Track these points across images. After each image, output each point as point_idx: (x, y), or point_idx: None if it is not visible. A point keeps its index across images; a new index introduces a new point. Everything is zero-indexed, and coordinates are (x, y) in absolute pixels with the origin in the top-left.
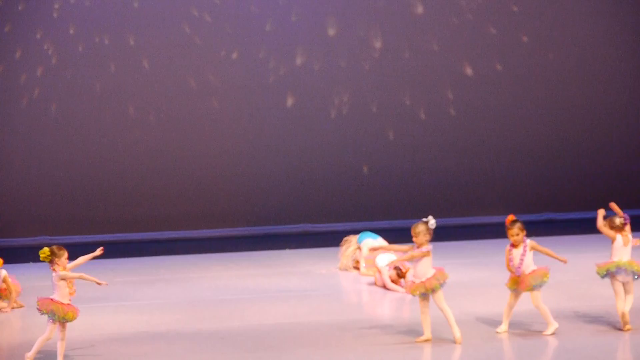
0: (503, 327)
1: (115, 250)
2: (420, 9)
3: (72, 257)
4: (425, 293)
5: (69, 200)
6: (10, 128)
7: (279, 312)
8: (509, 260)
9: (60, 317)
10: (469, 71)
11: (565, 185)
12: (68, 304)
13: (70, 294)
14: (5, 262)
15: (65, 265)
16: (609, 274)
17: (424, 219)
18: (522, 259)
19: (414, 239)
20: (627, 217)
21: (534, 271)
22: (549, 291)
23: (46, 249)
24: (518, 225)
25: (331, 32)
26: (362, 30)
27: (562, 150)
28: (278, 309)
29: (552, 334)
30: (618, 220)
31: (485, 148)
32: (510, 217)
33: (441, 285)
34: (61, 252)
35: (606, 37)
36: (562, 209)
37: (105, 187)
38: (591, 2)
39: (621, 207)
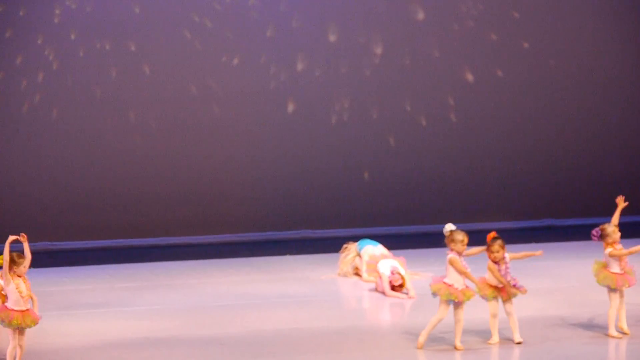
0: (495, 339)
1: (115, 256)
2: (421, 15)
3: (73, 263)
4: (452, 300)
5: (69, 206)
6: (11, 133)
7: (279, 318)
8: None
9: (7, 324)
10: (470, 77)
11: (566, 191)
12: (22, 310)
13: (24, 297)
14: None
15: (21, 273)
16: None
17: (452, 227)
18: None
19: (463, 245)
20: None
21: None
22: (549, 298)
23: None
24: (499, 242)
25: (332, 38)
26: (362, 36)
27: (563, 156)
28: (278, 314)
29: (494, 344)
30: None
31: (486, 154)
32: (492, 234)
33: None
34: (20, 260)
35: (607, 43)
36: (562, 215)
37: (106, 193)
38: (592, 8)
39: (622, 214)
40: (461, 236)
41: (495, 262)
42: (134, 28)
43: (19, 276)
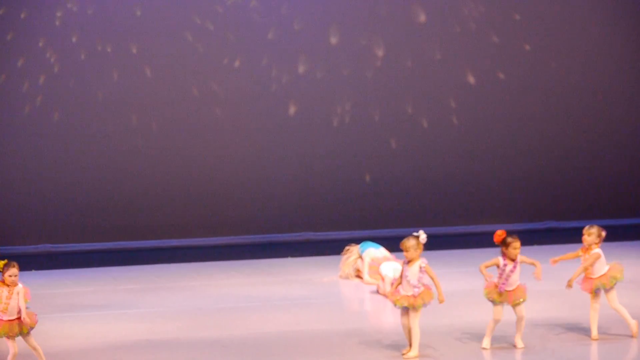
0: (487, 343)
1: (117, 258)
2: (422, 18)
3: (75, 265)
4: (399, 307)
5: (71, 208)
6: (12, 136)
7: (281, 320)
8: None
9: None
10: (471, 80)
11: (567, 193)
12: (11, 319)
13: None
14: None
15: (15, 282)
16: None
17: (415, 233)
18: (512, 273)
19: (404, 253)
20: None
21: (519, 287)
22: (551, 300)
23: (0, 262)
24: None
25: (333, 40)
26: (364, 38)
27: (564, 158)
28: (280, 317)
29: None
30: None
31: (487, 156)
32: (501, 233)
33: (424, 305)
34: (6, 267)
35: (609, 45)
36: (563, 217)
37: (107, 195)
38: (593, 11)
39: (624, 216)
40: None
41: (513, 260)
42: (135, 30)
43: (8, 285)
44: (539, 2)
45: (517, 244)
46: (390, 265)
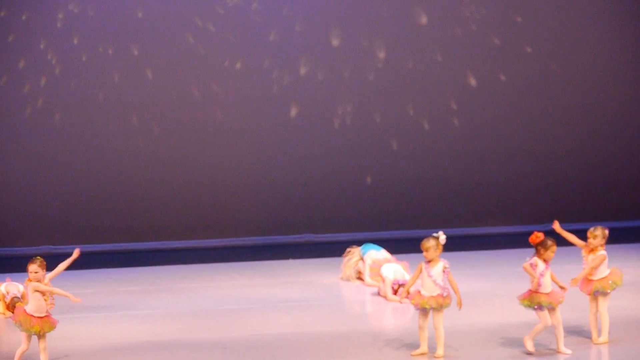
0: (565, 349)
1: (117, 260)
2: (424, 20)
3: (75, 266)
4: (428, 308)
5: (72, 210)
6: (14, 137)
7: (281, 322)
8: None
9: (26, 329)
10: (472, 81)
11: (568, 195)
12: (41, 317)
13: (49, 305)
14: (8, 271)
15: (38, 278)
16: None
17: (435, 234)
18: (543, 277)
19: (424, 253)
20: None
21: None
22: None
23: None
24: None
25: (335, 42)
26: (365, 40)
27: (566, 161)
28: (281, 318)
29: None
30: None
31: (488, 158)
32: (540, 235)
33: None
34: (30, 263)
35: (610, 48)
36: (564, 220)
37: (108, 197)
38: (594, 12)
39: (625, 218)
40: None
41: (546, 262)
42: (136, 32)
43: (38, 281)
44: (540, 5)
45: (555, 247)
46: (391, 267)
